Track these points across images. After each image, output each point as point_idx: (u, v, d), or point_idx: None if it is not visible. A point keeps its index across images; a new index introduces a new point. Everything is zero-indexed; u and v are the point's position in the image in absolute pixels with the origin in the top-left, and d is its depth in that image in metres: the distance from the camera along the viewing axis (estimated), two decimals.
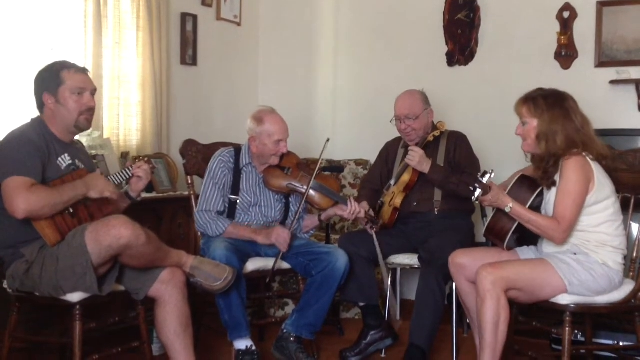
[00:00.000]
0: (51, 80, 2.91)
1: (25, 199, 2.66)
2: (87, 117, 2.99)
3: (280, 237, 3.44)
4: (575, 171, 2.85)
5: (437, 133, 3.78)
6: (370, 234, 3.62)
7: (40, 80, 2.94)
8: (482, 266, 2.87)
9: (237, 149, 3.67)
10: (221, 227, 3.48)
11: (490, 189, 2.85)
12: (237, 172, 3.60)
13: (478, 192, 2.83)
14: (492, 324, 2.82)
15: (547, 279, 2.85)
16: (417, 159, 3.64)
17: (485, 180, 2.83)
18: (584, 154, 2.89)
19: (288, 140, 3.61)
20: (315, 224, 3.74)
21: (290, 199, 3.70)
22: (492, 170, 2.86)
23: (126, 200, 3.16)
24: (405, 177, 3.76)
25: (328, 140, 3.59)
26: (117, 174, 3.07)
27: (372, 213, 3.71)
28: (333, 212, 3.63)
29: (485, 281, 2.81)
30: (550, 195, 2.94)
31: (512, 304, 2.93)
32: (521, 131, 3.02)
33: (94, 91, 3.02)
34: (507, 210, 2.89)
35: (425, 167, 3.66)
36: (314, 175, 3.53)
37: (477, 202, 2.97)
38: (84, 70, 3.01)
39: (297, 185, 3.57)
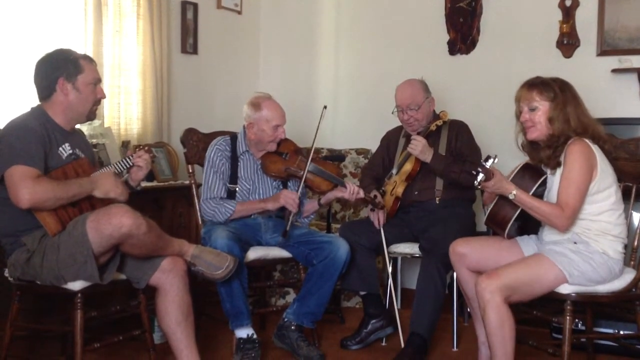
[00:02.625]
0: (70, 66, 2.90)
1: (31, 189, 2.66)
2: (97, 108, 3.03)
3: (289, 197, 3.47)
4: (579, 158, 2.83)
5: (439, 122, 3.75)
6: (373, 220, 3.67)
7: (55, 66, 2.90)
8: (480, 277, 2.86)
9: (233, 137, 3.67)
10: (230, 209, 3.50)
11: (493, 175, 2.83)
12: (234, 160, 3.61)
13: (480, 176, 2.78)
14: (497, 335, 2.81)
15: (547, 275, 2.84)
16: (419, 148, 3.63)
17: (488, 165, 2.79)
18: (586, 140, 2.88)
19: (288, 128, 3.61)
20: (315, 208, 3.74)
21: (288, 185, 3.70)
22: (496, 156, 2.81)
23: (126, 189, 3.16)
24: (407, 167, 3.75)
25: (325, 107, 3.59)
26: (118, 163, 3.06)
27: (373, 194, 3.72)
28: (333, 195, 3.63)
29: (484, 292, 2.79)
30: (553, 183, 2.93)
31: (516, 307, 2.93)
32: (529, 117, 2.95)
33: (101, 82, 3.06)
34: (511, 197, 2.87)
35: (427, 156, 3.65)
36: (311, 157, 3.54)
37: (479, 188, 2.94)
38: (94, 62, 3.03)
39: (296, 169, 3.57)
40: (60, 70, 2.89)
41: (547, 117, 2.92)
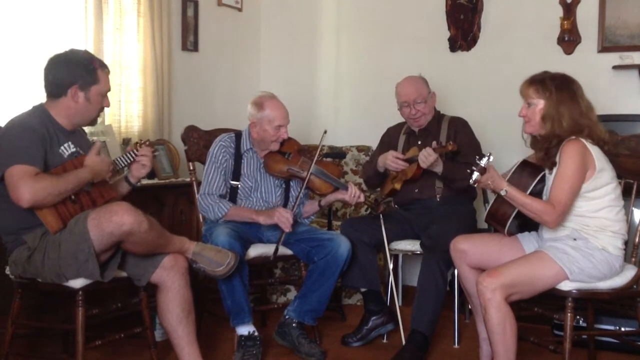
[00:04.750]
0: (87, 76, 2.88)
1: (30, 187, 2.65)
2: (100, 115, 3.06)
3: (283, 216, 3.43)
4: (573, 157, 2.83)
5: (450, 147, 3.59)
6: (376, 215, 3.64)
7: (73, 71, 2.87)
8: (481, 275, 2.86)
9: (238, 134, 3.67)
10: (223, 209, 3.49)
11: (486, 171, 2.84)
12: (237, 157, 3.61)
13: (475, 175, 2.82)
14: (499, 334, 2.81)
15: (547, 272, 2.84)
16: (430, 160, 3.54)
17: (483, 163, 2.82)
18: (582, 139, 2.88)
19: (289, 125, 3.61)
20: (316, 210, 3.74)
21: (290, 185, 3.70)
22: (490, 154, 2.85)
23: (126, 186, 3.16)
24: (409, 173, 3.71)
25: (325, 132, 3.61)
26: (120, 158, 3.07)
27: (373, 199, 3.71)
28: (334, 197, 3.63)
29: (485, 291, 2.79)
30: (551, 181, 2.93)
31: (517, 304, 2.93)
32: (526, 112, 2.99)
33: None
34: (503, 193, 2.88)
35: (438, 168, 3.61)
36: (314, 161, 3.54)
37: (475, 186, 2.95)
38: (108, 70, 3.02)
39: (298, 170, 3.57)
40: (76, 77, 2.87)
41: (541, 115, 2.93)
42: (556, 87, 2.92)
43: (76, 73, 2.88)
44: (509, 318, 2.80)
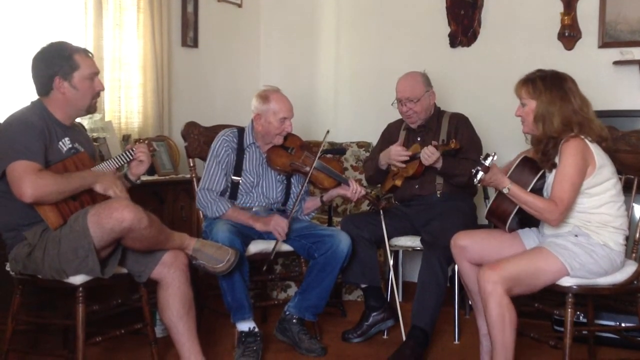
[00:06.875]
0: (65, 64, 2.86)
1: (34, 183, 2.66)
2: (96, 100, 3.01)
3: (279, 225, 3.44)
4: (573, 154, 2.83)
5: (452, 145, 3.60)
6: (377, 211, 3.64)
7: (50, 64, 2.87)
8: (482, 268, 2.86)
9: (241, 129, 3.67)
10: (221, 209, 3.49)
11: (489, 170, 2.85)
12: (240, 152, 3.61)
13: (480, 175, 2.82)
14: (498, 327, 2.81)
15: (548, 267, 2.84)
16: (432, 159, 3.57)
17: (487, 163, 2.82)
18: (582, 136, 2.87)
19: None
20: (317, 206, 3.75)
21: (292, 180, 3.70)
22: (495, 153, 2.84)
23: (126, 183, 3.16)
24: (410, 171, 3.72)
25: (328, 132, 3.62)
26: (119, 156, 3.06)
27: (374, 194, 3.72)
28: (336, 192, 3.64)
29: (486, 284, 2.80)
30: (551, 178, 2.93)
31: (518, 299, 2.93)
32: (520, 112, 3.01)
33: (99, 74, 3.02)
34: (505, 191, 2.89)
35: (438, 164, 3.62)
36: (318, 155, 3.54)
37: (479, 185, 2.95)
38: (91, 54, 3.00)
39: (301, 164, 3.58)
40: (55, 68, 2.86)
41: (533, 115, 2.94)
42: (547, 87, 2.92)
43: (54, 64, 2.87)
44: (508, 311, 2.80)
